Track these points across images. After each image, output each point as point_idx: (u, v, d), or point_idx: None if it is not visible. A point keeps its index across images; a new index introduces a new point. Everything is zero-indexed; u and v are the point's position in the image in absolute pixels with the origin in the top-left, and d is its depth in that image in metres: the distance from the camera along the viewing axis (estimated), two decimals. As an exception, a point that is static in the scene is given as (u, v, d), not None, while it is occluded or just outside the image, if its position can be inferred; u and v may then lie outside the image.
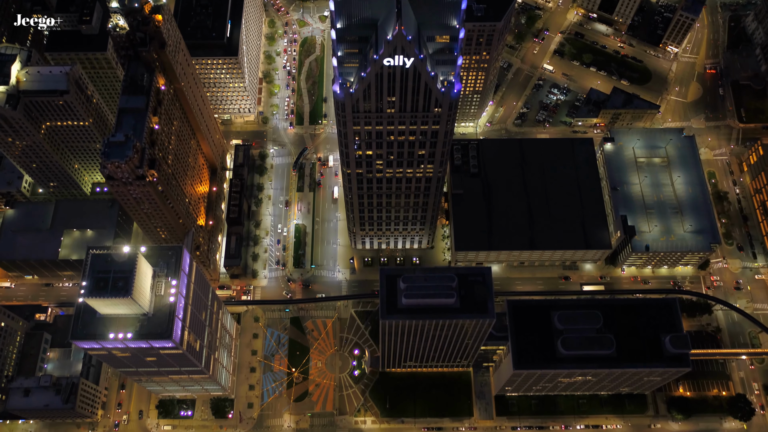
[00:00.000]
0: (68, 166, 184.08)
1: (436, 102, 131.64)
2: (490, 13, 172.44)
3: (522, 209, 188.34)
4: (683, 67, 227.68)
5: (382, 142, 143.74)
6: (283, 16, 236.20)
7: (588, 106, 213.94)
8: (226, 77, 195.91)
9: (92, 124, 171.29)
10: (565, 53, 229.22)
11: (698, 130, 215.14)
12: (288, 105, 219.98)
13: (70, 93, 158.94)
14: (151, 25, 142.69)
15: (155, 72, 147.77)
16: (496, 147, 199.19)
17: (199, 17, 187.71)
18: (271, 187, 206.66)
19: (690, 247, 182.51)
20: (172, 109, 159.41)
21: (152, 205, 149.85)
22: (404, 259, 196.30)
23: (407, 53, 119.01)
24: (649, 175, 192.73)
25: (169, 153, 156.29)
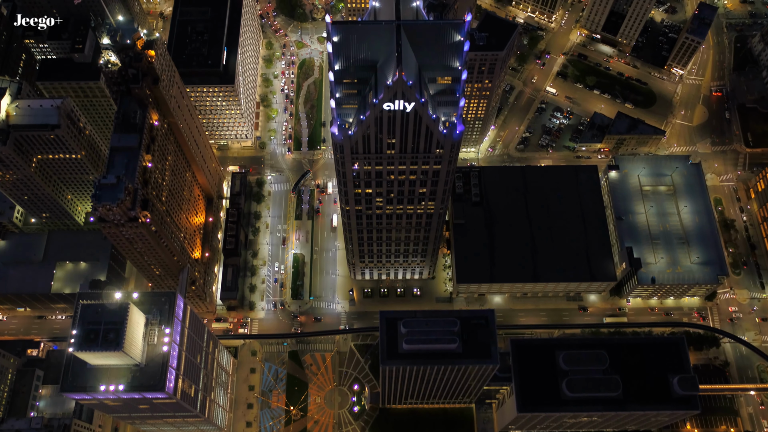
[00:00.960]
0: (60, 197, 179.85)
1: (437, 143, 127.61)
2: (493, 41, 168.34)
3: (525, 240, 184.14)
4: (688, 90, 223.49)
5: (381, 181, 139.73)
6: (280, 38, 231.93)
7: (592, 131, 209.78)
8: (222, 105, 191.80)
9: (85, 157, 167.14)
10: (568, 75, 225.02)
11: (704, 155, 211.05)
12: (286, 129, 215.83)
13: (62, 127, 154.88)
14: (143, 61, 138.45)
15: (148, 108, 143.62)
16: (498, 175, 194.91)
17: (194, 44, 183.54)
18: (268, 215, 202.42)
19: (697, 280, 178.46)
20: (166, 144, 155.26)
21: (146, 244, 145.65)
22: (405, 290, 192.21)
23: (408, 98, 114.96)
24: (654, 204, 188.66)
25: (163, 190, 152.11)
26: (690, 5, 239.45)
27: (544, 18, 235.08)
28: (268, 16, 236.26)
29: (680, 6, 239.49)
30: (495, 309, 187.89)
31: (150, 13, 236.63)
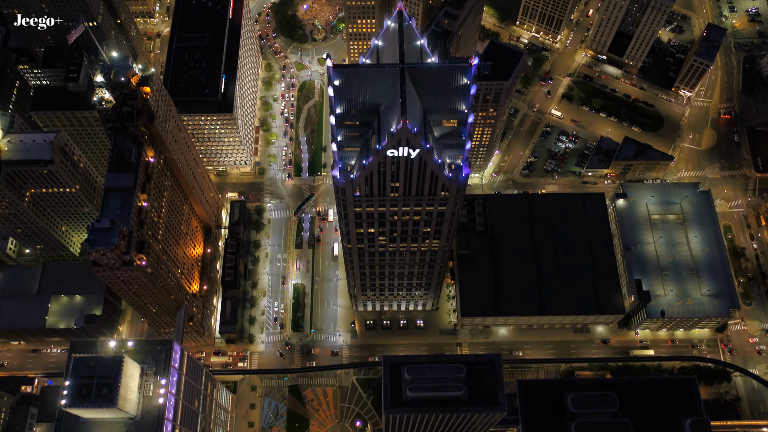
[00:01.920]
0: (55, 229, 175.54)
1: (443, 186, 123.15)
2: (498, 71, 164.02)
3: (531, 271, 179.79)
4: (696, 112, 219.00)
5: (384, 221, 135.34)
6: (280, 60, 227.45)
7: (598, 156, 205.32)
8: (220, 132, 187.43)
9: (79, 190, 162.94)
10: (573, 98, 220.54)
11: (713, 180, 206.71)
12: (286, 155, 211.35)
13: (55, 162, 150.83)
14: (138, 98, 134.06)
15: (144, 145, 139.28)
16: (502, 203, 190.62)
17: (192, 72, 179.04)
18: (268, 244, 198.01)
19: (707, 313, 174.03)
20: (163, 180, 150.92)
21: (141, 286, 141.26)
22: (408, 321, 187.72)
23: (412, 145, 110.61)
24: (663, 233, 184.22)
25: (159, 228, 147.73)
26: (697, 25, 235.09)
27: (549, 38, 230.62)
28: (268, 38, 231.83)
29: (687, 25, 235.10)
30: (500, 341, 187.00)
31: (147, 35, 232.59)
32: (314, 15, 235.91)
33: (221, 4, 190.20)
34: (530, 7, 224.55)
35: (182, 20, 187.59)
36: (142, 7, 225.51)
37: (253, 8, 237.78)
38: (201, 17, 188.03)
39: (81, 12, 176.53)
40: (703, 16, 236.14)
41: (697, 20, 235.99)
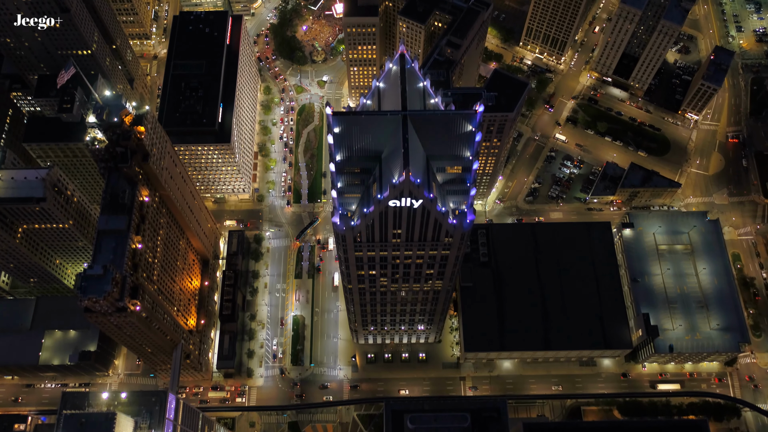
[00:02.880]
0: (48, 263, 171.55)
1: (446, 233, 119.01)
2: (502, 102, 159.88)
3: (536, 304, 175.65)
4: (704, 136, 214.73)
5: (386, 264, 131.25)
6: (279, 83, 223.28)
7: (604, 182, 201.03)
8: (218, 162, 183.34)
9: (73, 225, 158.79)
10: (578, 121, 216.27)
11: (721, 206, 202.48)
12: (285, 181, 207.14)
13: (48, 200, 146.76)
14: (132, 139, 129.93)
15: (138, 185, 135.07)
16: (507, 232, 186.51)
17: (188, 101, 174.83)
18: (267, 274, 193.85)
19: (717, 347, 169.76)
20: (158, 218, 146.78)
21: (135, 329, 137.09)
22: (410, 354, 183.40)
23: (415, 195, 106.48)
24: (671, 264, 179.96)
25: (154, 268, 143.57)
26: (704, 45, 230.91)
27: (553, 59, 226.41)
28: (267, 60, 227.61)
29: (694, 46, 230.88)
30: (504, 375, 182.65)
31: (143, 56, 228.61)
32: (314, 36, 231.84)
33: (218, 29, 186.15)
34: (534, 29, 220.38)
35: (178, 47, 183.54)
36: (138, 29, 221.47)
37: (252, 29, 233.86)
38: (198, 43, 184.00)
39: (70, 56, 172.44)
40: (709, 37, 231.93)
41: (703, 40, 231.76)
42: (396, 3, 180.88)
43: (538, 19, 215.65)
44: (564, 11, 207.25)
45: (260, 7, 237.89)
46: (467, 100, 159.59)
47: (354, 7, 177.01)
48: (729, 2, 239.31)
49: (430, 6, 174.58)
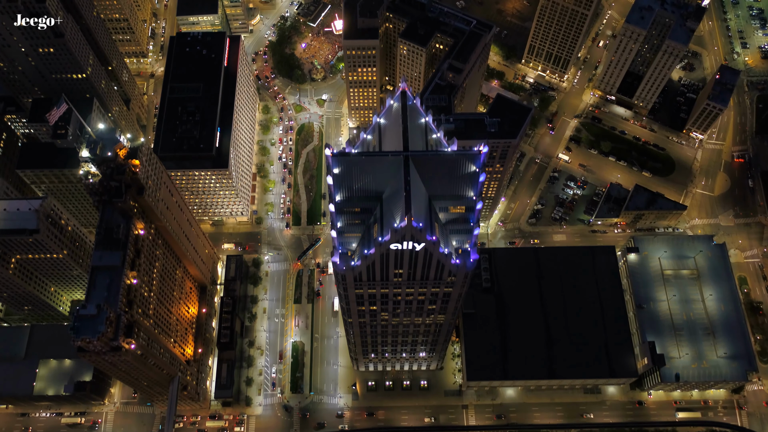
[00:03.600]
0: (43, 292, 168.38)
1: (449, 272, 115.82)
2: (505, 128, 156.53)
3: (539, 331, 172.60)
4: (709, 155, 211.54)
5: (387, 300, 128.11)
6: (279, 102, 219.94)
7: (608, 204, 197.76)
8: (216, 186, 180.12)
9: (67, 255, 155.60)
10: (581, 140, 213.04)
11: (727, 228, 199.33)
12: (284, 203, 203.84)
13: (41, 231, 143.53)
14: (126, 173, 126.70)
15: (133, 219, 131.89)
16: (509, 257, 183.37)
17: (185, 126, 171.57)
18: (266, 298, 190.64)
19: (724, 376, 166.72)
20: (154, 250, 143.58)
21: (131, 366, 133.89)
22: (411, 381, 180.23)
23: (417, 240, 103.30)
24: (677, 290, 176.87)
25: (150, 302, 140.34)
26: (709, 62, 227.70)
27: (556, 77, 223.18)
28: (266, 79, 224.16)
29: (698, 63, 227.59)
30: (507, 403, 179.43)
31: (140, 74, 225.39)
32: (313, 53, 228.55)
33: (216, 51, 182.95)
34: (536, 47, 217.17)
35: (175, 69, 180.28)
36: (135, 47, 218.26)
37: (250, 46, 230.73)
38: (195, 65, 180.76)
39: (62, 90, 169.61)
40: (714, 54, 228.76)
41: (708, 57, 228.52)
42: (396, 24, 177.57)
43: (541, 37, 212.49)
44: (567, 30, 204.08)
45: (258, 23, 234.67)
46: (469, 126, 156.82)
47: (354, 29, 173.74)
48: (734, 17, 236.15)
49: (432, 28, 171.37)
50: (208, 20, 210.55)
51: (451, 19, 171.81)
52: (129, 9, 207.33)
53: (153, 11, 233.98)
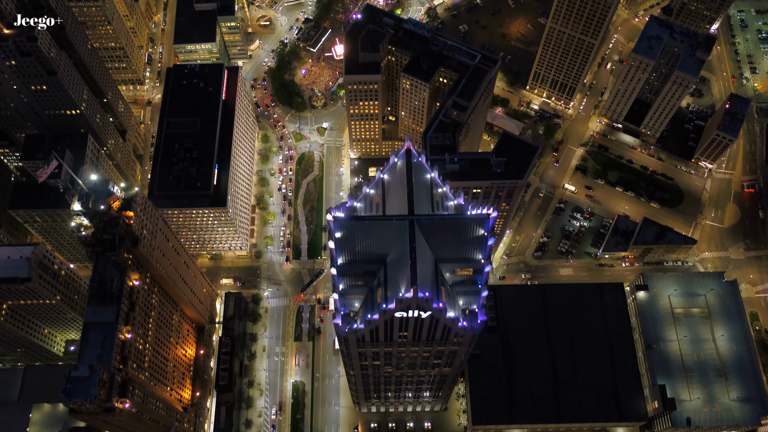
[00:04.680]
0: (36, 335, 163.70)
1: (456, 334, 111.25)
2: (511, 168, 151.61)
3: (546, 372, 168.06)
4: (718, 185, 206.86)
5: (391, 357, 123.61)
6: (278, 130, 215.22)
7: (615, 237, 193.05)
8: (214, 223, 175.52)
9: (60, 300, 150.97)
10: (588, 170, 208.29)
11: (737, 261, 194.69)
12: (284, 235, 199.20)
13: (33, 280, 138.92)
14: (120, 225, 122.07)
15: (127, 271, 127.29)
16: (515, 295, 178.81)
17: (182, 163, 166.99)
18: (265, 336, 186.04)
19: (737, 420, 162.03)
20: (149, 299, 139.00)
21: (125, 424, 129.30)
22: (415, 423, 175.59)
23: (423, 309, 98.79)
24: (687, 329, 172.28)
25: (145, 355, 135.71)
26: (717, 87, 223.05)
27: (561, 104, 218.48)
28: (266, 107, 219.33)
29: (706, 88, 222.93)
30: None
31: (137, 101, 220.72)
32: (313, 79, 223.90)
33: (214, 84, 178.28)
34: (541, 74, 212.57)
35: (172, 103, 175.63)
36: (131, 75, 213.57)
37: (249, 72, 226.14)
38: (192, 99, 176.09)
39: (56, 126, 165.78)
40: (723, 79, 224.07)
41: (716, 83, 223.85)
42: (399, 58, 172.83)
43: (546, 65, 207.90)
44: (573, 58, 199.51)
45: (257, 49, 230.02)
46: (475, 166, 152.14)
47: (355, 63, 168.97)
48: (742, 41, 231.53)
49: (435, 62, 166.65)
50: (205, 48, 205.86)
51: (455, 52, 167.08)
52: (125, 37, 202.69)
53: (150, 36, 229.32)
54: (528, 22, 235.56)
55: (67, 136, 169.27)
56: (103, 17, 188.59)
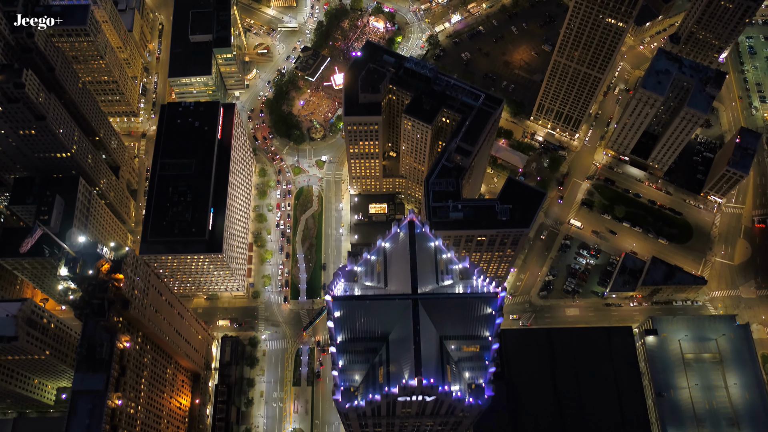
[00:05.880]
0: (25, 387, 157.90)
1: (461, 410, 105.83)
2: (517, 216, 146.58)
3: (553, 421, 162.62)
4: (728, 220, 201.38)
5: (394, 425, 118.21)
6: (276, 164, 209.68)
7: (623, 277, 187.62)
8: (209, 267, 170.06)
9: (50, 355, 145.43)
10: (594, 204, 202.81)
11: (748, 300, 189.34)
12: (282, 274, 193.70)
13: (20, 339, 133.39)
14: (110, 289, 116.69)
15: (117, 333, 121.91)
16: (520, 339, 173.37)
17: (176, 208, 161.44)
18: (263, 381, 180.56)
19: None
20: (141, 359, 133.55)
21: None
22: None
23: (428, 394, 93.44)
24: (698, 376, 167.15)
25: (137, 419, 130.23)
26: (726, 117, 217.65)
27: (566, 135, 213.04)
28: (263, 139, 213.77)
29: (715, 118, 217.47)
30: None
31: (131, 134, 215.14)
32: (312, 110, 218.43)
33: (209, 123, 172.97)
34: (546, 106, 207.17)
35: (166, 144, 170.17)
36: (125, 107, 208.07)
37: (246, 102, 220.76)
38: (186, 139, 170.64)
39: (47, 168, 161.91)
40: (732, 109, 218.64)
41: (725, 112, 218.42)
42: (400, 97, 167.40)
43: (551, 97, 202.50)
44: (579, 92, 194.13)
45: (255, 78, 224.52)
46: (479, 214, 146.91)
47: (355, 104, 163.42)
48: (751, 69, 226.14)
49: (438, 103, 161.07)
50: (201, 81, 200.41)
51: (459, 92, 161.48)
52: (118, 70, 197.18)
53: (144, 66, 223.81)
54: (532, 49, 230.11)
55: (58, 179, 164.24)
56: (95, 52, 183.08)
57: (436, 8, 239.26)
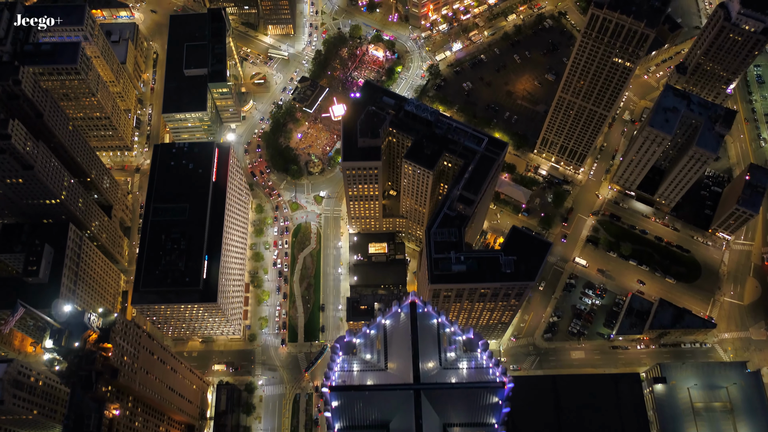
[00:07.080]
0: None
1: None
2: (521, 268, 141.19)
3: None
4: (737, 258, 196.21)
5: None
6: (273, 199, 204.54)
7: (630, 318, 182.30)
8: (204, 315, 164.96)
9: (38, 414, 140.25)
10: (599, 242, 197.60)
11: (758, 342, 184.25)
12: (279, 316, 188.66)
13: (6, 402, 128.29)
14: (98, 359, 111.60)
15: (106, 403, 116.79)
16: (525, 387, 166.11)
17: (169, 256, 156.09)
18: (260, 429, 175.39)
19: None
20: (132, 423, 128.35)
21: None
22: None
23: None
24: (709, 427, 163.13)
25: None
26: (734, 150, 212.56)
27: (570, 169, 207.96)
28: (260, 174, 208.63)
29: (723, 151, 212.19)
30: None
31: (125, 168, 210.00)
32: (310, 143, 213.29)
33: (203, 165, 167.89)
34: (549, 140, 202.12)
35: (158, 188, 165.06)
36: (118, 142, 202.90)
37: (243, 134, 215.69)
38: (180, 183, 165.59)
39: (36, 214, 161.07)
40: (740, 141, 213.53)
41: (733, 144, 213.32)
42: (400, 139, 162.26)
43: (555, 132, 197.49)
44: (584, 128, 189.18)
45: (251, 109, 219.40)
46: (483, 266, 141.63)
47: (353, 149, 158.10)
48: (759, 99, 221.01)
49: (439, 147, 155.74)
50: (196, 117, 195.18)
51: (461, 135, 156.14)
52: (111, 105, 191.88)
53: (138, 97, 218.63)
54: (534, 78, 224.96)
55: (48, 226, 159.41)
56: (86, 89, 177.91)
57: (437, 36, 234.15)
